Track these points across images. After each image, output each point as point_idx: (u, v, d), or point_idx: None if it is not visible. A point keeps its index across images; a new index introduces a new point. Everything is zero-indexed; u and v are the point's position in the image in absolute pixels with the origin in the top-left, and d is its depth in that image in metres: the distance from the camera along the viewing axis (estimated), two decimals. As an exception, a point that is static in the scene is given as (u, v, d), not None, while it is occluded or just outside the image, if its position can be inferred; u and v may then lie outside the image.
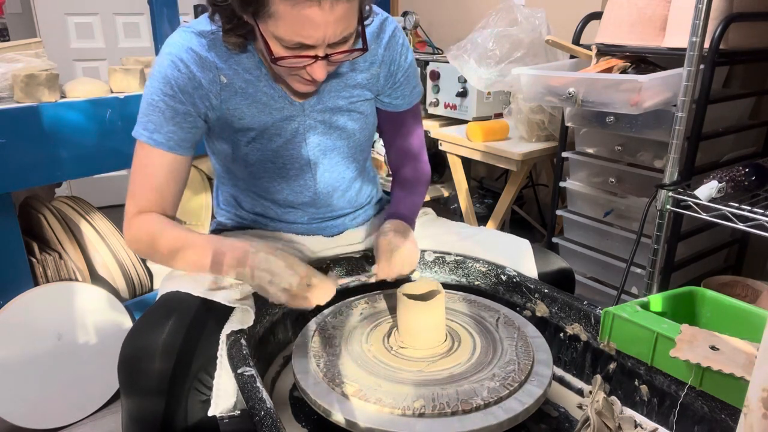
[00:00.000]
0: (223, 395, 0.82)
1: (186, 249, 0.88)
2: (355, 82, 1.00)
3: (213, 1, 0.85)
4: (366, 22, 0.89)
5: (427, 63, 2.20)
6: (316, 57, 0.82)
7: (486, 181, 2.70)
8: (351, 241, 1.13)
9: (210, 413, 0.82)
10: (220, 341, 0.82)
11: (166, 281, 0.96)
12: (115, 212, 2.83)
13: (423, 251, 1.08)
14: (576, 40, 1.74)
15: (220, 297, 0.87)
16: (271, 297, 0.82)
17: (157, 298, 0.92)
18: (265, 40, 0.81)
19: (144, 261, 1.75)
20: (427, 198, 2.41)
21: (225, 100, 0.93)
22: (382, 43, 1.00)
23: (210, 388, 0.84)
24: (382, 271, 0.94)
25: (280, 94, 0.96)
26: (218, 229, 1.13)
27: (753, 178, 1.26)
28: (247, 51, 0.92)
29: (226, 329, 0.83)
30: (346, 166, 1.06)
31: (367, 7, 0.89)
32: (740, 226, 1.20)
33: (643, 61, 1.61)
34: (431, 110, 2.21)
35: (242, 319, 0.84)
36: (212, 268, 0.85)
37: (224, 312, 0.86)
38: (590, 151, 1.75)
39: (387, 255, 0.93)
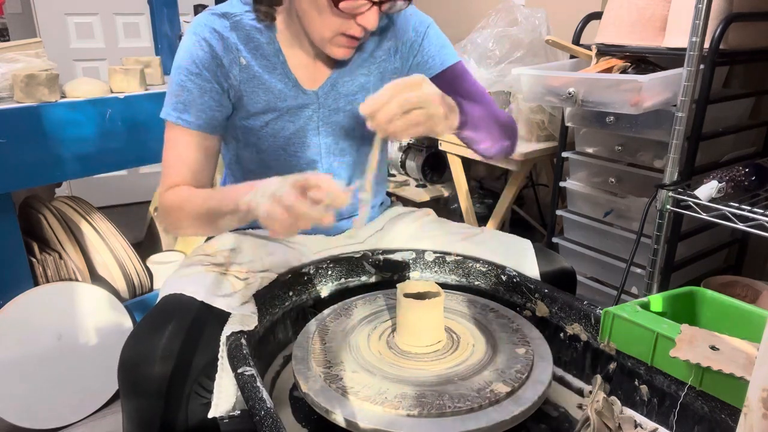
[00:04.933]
0: (224, 397, 0.82)
1: (211, 197, 0.89)
2: (369, 63, 1.02)
3: None
4: None
5: (427, 63, 2.20)
6: (372, 2, 0.85)
7: (486, 181, 2.70)
8: (352, 240, 1.13)
9: (210, 415, 0.82)
10: (221, 343, 0.82)
11: (166, 283, 0.96)
12: (115, 212, 2.85)
13: (423, 251, 1.08)
14: (576, 40, 1.74)
15: (221, 303, 0.86)
16: (258, 209, 0.73)
17: (157, 300, 0.92)
18: None
19: (144, 261, 1.75)
20: (427, 198, 2.41)
21: (243, 82, 0.96)
22: (397, 22, 1.02)
23: (210, 392, 0.84)
24: (377, 100, 0.78)
25: (294, 83, 0.98)
26: None
27: (753, 178, 1.26)
28: (274, 24, 0.95)
29: (227, 330, 0.83)
30: (355, 157, 1.07)
31: None
32: (740, 226, 1.20)
33: (643, 61, 1.61)
34: (431, 110, 2.21)
35: (242, 321, 0.84)
36: (229, 204, 0.81)
37: (225, 315, 0.86)
38: (590, 151, 1.75)
39: (399, 86, 0.80)
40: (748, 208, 1.19)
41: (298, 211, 0.69)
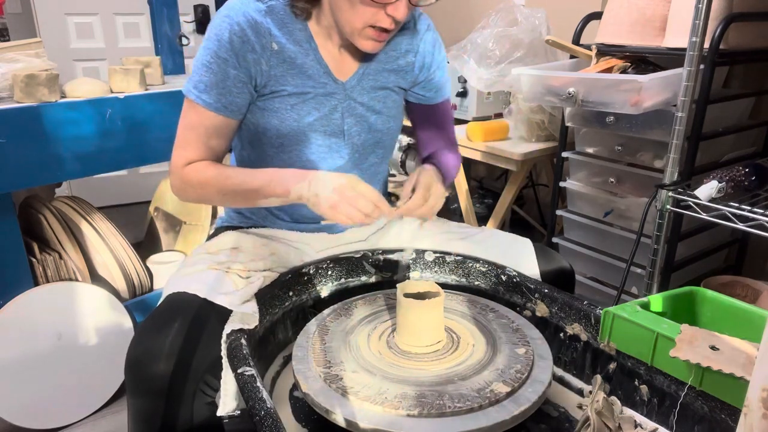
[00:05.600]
0: (231, 394, 0.82)
1: (252, 179, 0.93)
2: (392, 68, 1.06)
3: None
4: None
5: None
6: None
7: (486, 181, 2.70)
8: (353, 239, 1.13)
9: (219, 413, 0.82)
10: (222, 341, 0.82)
11: (170, 282, 0.96)
12: (115, 212, 2.84)
13: (423, 251, 1.08)
14: (576, 40, 1.74)
15: (224, 301, 0.87)
16: (319, 205, 0.87)
17: (161, 299, 0.92)
18: None
19: (144, 261, 1.75)
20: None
21: (273, 66, 0.96)
22: (419, 34, 1.07)
23: (215, 390, 0.84)
24: (415, 202, 0.93)
25: (325, 70, 0.99)
26: (222, 227, 1.13)
27: (753, 178, 1.26)
28: (309, 19, 0.97)
29: (227, 329, 0.83)
30: (372, 150, 1.09)
31: None
32: (740, 226, 1.20)
33: (643, 61, 1.61)
34: (431, 110, 2.21)
35: (243, 319, 0.85)
36: (277, 189, 0.91)
37: (227, 313, 0.86)
38: (590, 151, 1.75)
39: (425, 188, 0.94)
40: (748, 208, 1.19)
41: (367, 209, 0.85)
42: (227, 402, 0.81)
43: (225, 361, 0.82)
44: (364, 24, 0.91)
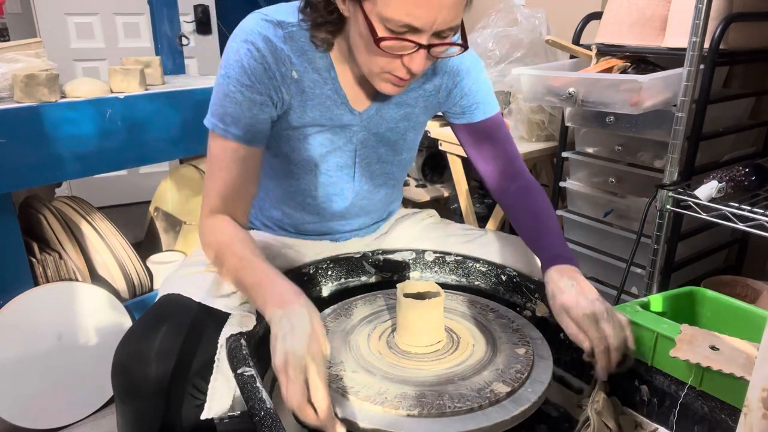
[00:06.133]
0: (218, 398, 0.81)
1: (248, 273, 0.82)
2: (414, 95, 0.99)
3: None
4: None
5: (427, 63, 2.20)
6: (419, 45, 0.78)
7: (486, 181, 2.70)
8: (357, 247, 1.12)
9: (203, 417, 0.81)
10: (219, 345, 0.82)
11: (165, 283, 0.96)
12: (115, 212, 2.84)
13: (423, 251, 1.08)
14: (576, 40, 1.74)
15: (220, 304, 0.86)
16: (274, 357, 0.70)
17: (156, 301, 0.92)
18: (369, 22, 0.77)
19: (144, 261, 1.75)
20: (427, 198, 2.41)
21: (293, 96, 0.91)
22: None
23: (205, 393, 0.83)
24: (603, 359, 0.75)
25: (342, 100, 0.94)
26: None
27: (753, 178, 1.26)
28: (330, 48, 0.90)
29: (225, 332, 0.82)
30: (383, 182, 1.06)
31: (469, 4, 0.83)
32: (740, 226, 1.20)
33: (643, 61, 1.61)
34: (431, 110, 2.21)
35: (241, 322, 0.84)
36: (257, 299, 0.79)
37: (223, 316, 0.85)
38: (590, 151, 1.75)
39: (601, 340, 0.75)
40: (748, 208, 1.19)
41: (299, 403, 0.66)
42: (213, 406, 0.81)
43: (217, 364, 0.81)
44: (381, 70, 0.84)
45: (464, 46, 0.83)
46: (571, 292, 0.80)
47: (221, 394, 0.81)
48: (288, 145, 0.96)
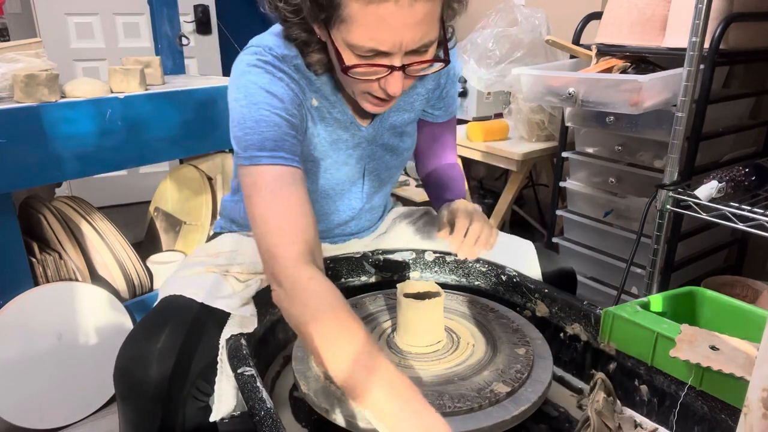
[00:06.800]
0: (225, 400, 0.81)
1: (321, 332, 0.68)
2: (415, 96, 0.99)
3: (286, 17, 0.78)
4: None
5: (427, 63, 2.20)
6: (391, 67, 0.74)
7: (486, 181, 2.70)
8: (355, 248, 1.12)
9: (212, 419, 0.81)
10: (220, 346, 0.82)
11: (166, 285, 0.95)
12: (115, 212, 2.84)
13: (423, 251, 1.08)
14: (576, 40, 1.74)
15: (221, 304, 0.86)
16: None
17: (157, 301, 0.92)
18: (336, 50, 0.75)
19: (144, 261, 1.75)
20: (427, 198, 2.41)
21: (316, 123, 0.89)
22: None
23: (207, 395, 0.83)
24: (467, 241, 0.86)
25: (351, 120, 0.93)
26: (221, 232, 1.13)
27: (753, 178, 1.26)
28: (330, 70, 0.87)
29: (226, 333, 0.82)
30: (386, 182, 1.07)
31: (451, 13, 0.80)
32: (740, 226, 1.20)
33: (643, 61, 1.61)
34: (431, 110, 2.21)
35: (242, 323, 0.84)
36: (346, 384, 0.65)
37: (224, 317, 0.85)
38: (590, 151, 1.75)
39: (466, 222, 0.88)
40: (748, 208, 1.19)
41: None
42: (221, 407, 0.81)
43: (220, 366, 0.81)
44: (361, 91, 0.82)
45: (446, 61, 0.80)
46: (460, 203, 0.93)
47: (227, 395, 0.81)
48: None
